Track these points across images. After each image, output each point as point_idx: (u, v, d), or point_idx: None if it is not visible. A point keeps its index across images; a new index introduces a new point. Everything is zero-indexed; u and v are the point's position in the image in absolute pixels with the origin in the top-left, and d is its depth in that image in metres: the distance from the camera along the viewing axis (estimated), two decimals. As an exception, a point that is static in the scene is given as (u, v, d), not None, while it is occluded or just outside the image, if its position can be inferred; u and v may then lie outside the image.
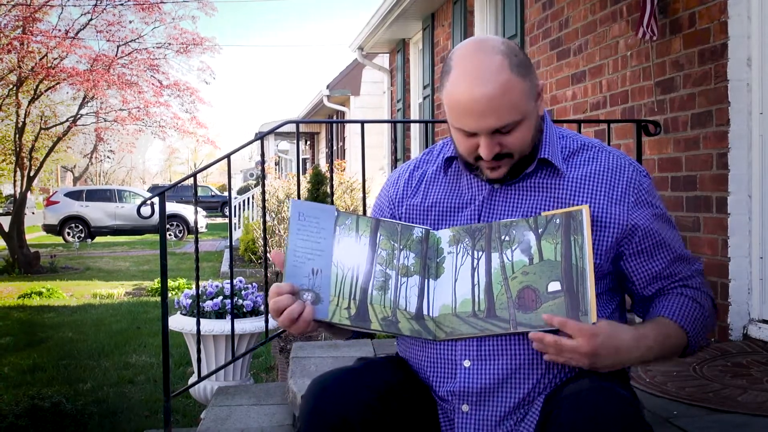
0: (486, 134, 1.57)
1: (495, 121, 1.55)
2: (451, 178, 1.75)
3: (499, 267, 1.58)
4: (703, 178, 3.80)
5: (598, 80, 4.92)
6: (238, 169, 45.93)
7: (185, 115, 14.69)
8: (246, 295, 4.27)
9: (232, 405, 3.46)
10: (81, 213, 21.30)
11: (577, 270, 1.54)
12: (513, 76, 1.55)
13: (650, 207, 1.65)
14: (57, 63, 13.09)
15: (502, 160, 1.62)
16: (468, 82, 1.54)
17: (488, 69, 1.54)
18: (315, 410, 1.49)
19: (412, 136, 10.66)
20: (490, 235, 1.61)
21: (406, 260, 1.62)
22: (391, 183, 1.85)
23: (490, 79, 1.53)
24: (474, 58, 1.56)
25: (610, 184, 1.65)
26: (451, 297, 1.59)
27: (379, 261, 1.61)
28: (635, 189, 1.65)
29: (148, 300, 9.63)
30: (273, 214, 10.69)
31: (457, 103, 1.57)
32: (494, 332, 1.56)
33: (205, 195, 34.25)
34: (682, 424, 2.33)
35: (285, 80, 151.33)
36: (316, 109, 18.89)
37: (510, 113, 1.56)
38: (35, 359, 6.27)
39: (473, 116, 1.55)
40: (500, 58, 1.55)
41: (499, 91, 1.53)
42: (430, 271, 1.62)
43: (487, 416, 1.59)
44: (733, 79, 3.60)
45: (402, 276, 1.61)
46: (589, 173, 1.66)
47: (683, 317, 1.63)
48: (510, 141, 1.59)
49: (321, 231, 1.61)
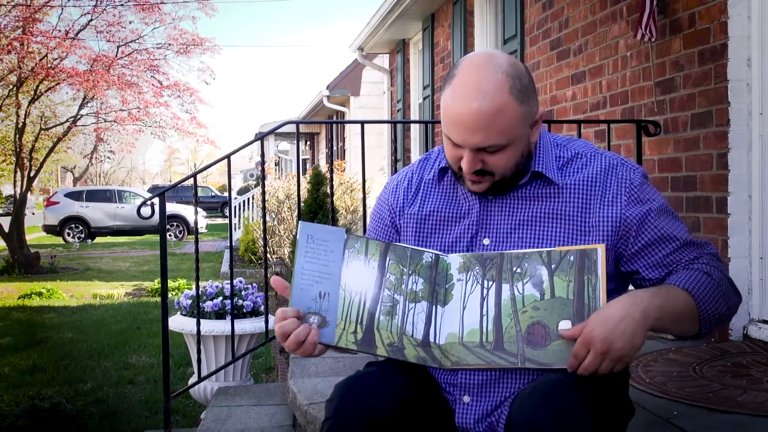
0: (470, 150, 1.58)
1: (481, 140, 1.55)
2: (446, 186, 1.76)
3: (510, 299, 1.55)
4: (703, 178, 3.80)
5: (598, 80, 4.92)
6: (238, 170, 45.95)
7: (185, 115, 14.71)
8: (246, 295, 4.27)
9: (232, 405, 3.46)
10: (81, 213, 21.31)
11: (589, 310, 1.50)
12: (511, 100, 1.54)
13: (644, 203, 1.64)
14: (57, 63, 13.09)
15: (484, 176, 1.62)
16: (466, 93, 1.54)
17: (488, 87, 1.53)
18: (343, 412, 1.51)
19: (412, 136, 10.66)
20: (501, 265, 1.57)
21: (414, 285, 1.59)
22: (390, 191, 1.84)
23: (487, 97, 1.53)
24: (479, 72, 1.55)
25: (602, 188, 1.65)
26: (459, 325, 1.57)
27: (387, 285, 1.58)
28: (627, 188, 1.64)
29: (148, 300, 9.63)
30: (273, 215, 10.69)
31: (449, 112, 1.57)
32: (501, 365, 1.54)
33: (205, 195, 34.25)
34: (683, 425, 2.33)
35: (285, 81, 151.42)
36: (316, 109, 18.89)
37: (498, 136, 1.55)
38: (35, 360, 6.27)
39: (461, 129, 1.56)
40: (503, 78, 1.54)
41: (492, 110, 1.53)
42: (439, 298, 1.59)
43: (488, 406, 1.61)
44: (733, 80, 3.60)
45: (410, 302, 1.58)
46: (581, 180, 1.66)
47: (688, 283, 1.58)
48: (493, 161, 1.59)
49: (329, 254, 1.58)
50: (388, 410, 1.51)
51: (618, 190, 1.64)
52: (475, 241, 1.69)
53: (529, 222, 1.65)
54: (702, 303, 1.57)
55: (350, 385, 1.55)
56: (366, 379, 1.57)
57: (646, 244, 1.63)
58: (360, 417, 1.49)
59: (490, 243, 1.67)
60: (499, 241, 1.67)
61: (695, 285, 1.57)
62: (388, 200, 1.83)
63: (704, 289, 1.58)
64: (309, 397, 2.90)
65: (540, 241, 1.64)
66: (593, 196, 1.64)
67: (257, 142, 3.94)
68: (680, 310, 1.55)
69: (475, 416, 1.62)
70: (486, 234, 1.68)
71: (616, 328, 1.44)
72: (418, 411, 1.58)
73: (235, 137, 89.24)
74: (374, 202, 1.91)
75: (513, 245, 1.65)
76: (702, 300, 1.57)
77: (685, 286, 1.57)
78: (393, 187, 1.84)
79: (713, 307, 1.58)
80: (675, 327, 1.58)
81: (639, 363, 3.11)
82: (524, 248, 1.63)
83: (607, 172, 1.66)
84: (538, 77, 5.84)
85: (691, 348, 3.41)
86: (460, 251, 1.68)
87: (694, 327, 1.59)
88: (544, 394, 1.42)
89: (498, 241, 1.67)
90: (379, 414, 1.50)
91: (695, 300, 1.56)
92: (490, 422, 1.60)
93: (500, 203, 1.68)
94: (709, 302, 1.58)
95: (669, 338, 3.62)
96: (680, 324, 1.57)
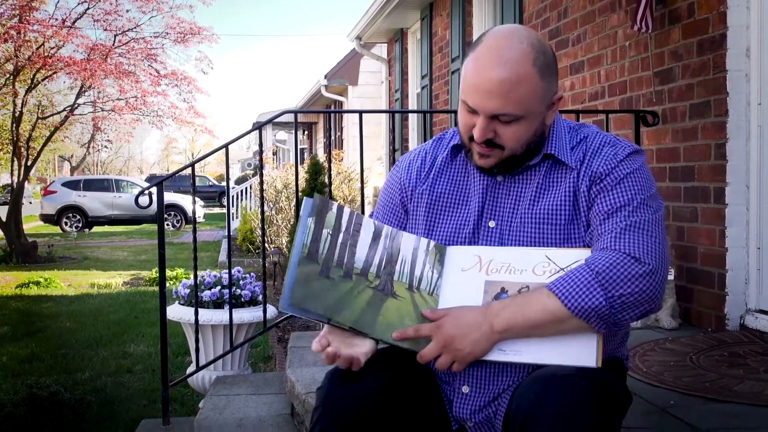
0: (485, 116, 1.57)
1: (497, 106, 1.55)
2: (458, 167, 1.76)
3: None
4: (701, 168, 3.80)
5: (596, 70, 4.91)
6: (236, 159, 45.89)
7: (183, 104, 14.67)
8: (244, 284, 4.27)
9: (231, 394, 3.47)
10: (78, 203, 21.29)
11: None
12: (533, 72, 1.55)
13: (621, 182, 1.60)
14: (54, 52, 13.05)
15: (493, 149, 1.61)
16: (489, 59, 1.56)
17: (512, 55, 1.55)
18: (333, 398, 1.52)
19: (410, 126, 10.65)
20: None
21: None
22: (403, 168, 1.83)
23: (509, 63, 1.54)
24: (504, 41, 1.57)
25: (589, 164, 1.64)
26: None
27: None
28: (610, 163, 1.62)
29: (146, 290, 9.63)
30: (271, 204, 10.68)
31: (470, 76, 1.58)
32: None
33: (203, 185, 34.19)
34: (679, 414, 2.34)
35: (283, 70, 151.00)
36: (314, 99, 18.85)
37: (515, 105, 1.55)
38: (33, 349, 6.28)
39: (479, 93, 1.56)
40: (528, 49, 1.55)
41: (514, 78, 1.54)
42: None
43: (486, 397, 1.61)
44: (732, 70, 3.60)
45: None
46: (585, 163, 1.66)
47: (556, 282, 1.52)
48: (505, 133, 1.59)
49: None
50: (377, 394, 1.52)
51: (600, 164, 1.63)
52: (480, 223, 1.69)
53: (536, 205, 1.65)
54: (568, 297, 1.49)
55: (341, 372, 1.56)
56: None
57: (603, 188, 1.60)
58: (350, 401, 1.50)
59: (495, 225, 1.67)
60: (505, 223, 1.66)
61: (562, 280, 1.52)
62: (400, 178, 1.82)
63: (571, 281, 1.50)
64: (307, 386, 2.91)
65: (545, 225, 1.63)
66: (588, 174, 1.64)
67: (255, 132, 3.94)
68: (532, 316, 1.51)
69: (473, 407, 1.61)
70: (492, 216, 1.68)
71: (462, 331, 1.52)
72: (408, 397, 1.58)
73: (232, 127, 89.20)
74: (384, 183, 1.90)
75: (518, 228, 1.65)
76: (567, 293, 1.50)
77: (550, 287, 1.52)
78: (406, 165, 1.83)
79: (585, 299, 1.48)
80: (543, 332, 1.51)
81: (636, 353, 3.13)
82: (529, 231, 1.64)
83: (601, 150, 1.65)
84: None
85: (688, 338, 3.42)
86: (467, 234, 1.69)
87: (576, 323, 1.50)
88: (545, 385, 1.42)
89: (504, 224, 1.67)
90: (368, 397, 1.50)
91: (558, 295, 1.50)
92: (488, 413, 1.60)
93: (508, 185, 1.68)
94: (578, 296, 1.49)
95: (665, 328, 3.64)
96: (544, 328, 1.51)
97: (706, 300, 3.75)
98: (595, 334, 1.51)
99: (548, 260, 1.58)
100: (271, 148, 23.16)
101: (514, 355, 1.54)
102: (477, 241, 1.68)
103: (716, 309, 3.66)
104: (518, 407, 1.43)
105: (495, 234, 1.67)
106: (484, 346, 1.52)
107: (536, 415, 1.37)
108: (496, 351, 1.55)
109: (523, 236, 1.64)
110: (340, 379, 1.55)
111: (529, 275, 1.58)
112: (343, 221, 1.63)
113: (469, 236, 1.69)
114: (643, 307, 1.50)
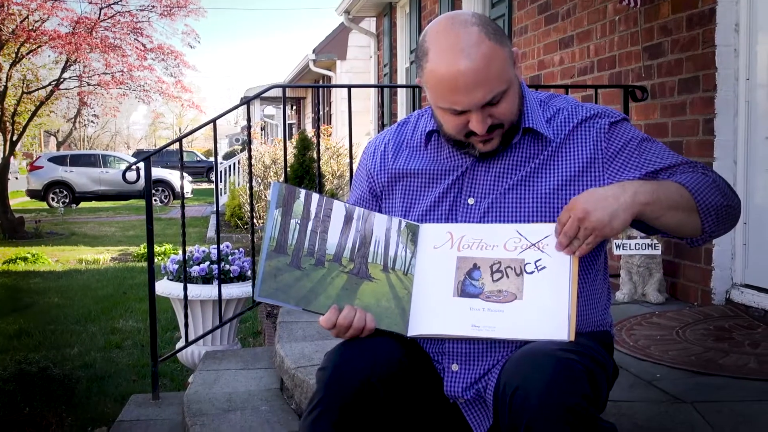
0: (476, 109, 1.56)
1: (484, 94, 1.54)
2: (432, 149, 1.74)
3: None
4: (689, 144, 3.81)
5: (585, 45, 4.90)
6: (224, 135, 45.66)
7: (170, 79, 14.55)
8: (233, 260, 4.27)
9: (220, 369, 3.48)
10: (65, 178, 21.14)
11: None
12: (493, 44, 1.53)
13: (624, 148, 1.64)
14: (38, 26, 12.88)
15: (494, 131, 1.61)
16: (450, 58, 1.52)
17: (468, 42, 1.52)
18: (336, 378, 1.51)
19: (399, 101, 10.60)
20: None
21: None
22: (368, 155, 1.84)
23: (472, 51, 1.51)
24: (450, 34, 1.54)
25: (582, 138, 1.65)
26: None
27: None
28: (605, 132, 1.65)
29: (134, 265, 9.61)
30: (259, 180, 10.64)
31: (441, 82, 1.54)
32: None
33: (191, 160, 33.98)
34: (664, 387, 2.37)
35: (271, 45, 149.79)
36: (302, 73, 18.73)
37: (497, 83, 1.54)
38: (21, 324, 6.27)
39: (461, 92, 1.53)
40: (477, 29, 1.53)
41: (483, 62, 1.52)
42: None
43: (476, 374, 1.62)
44: (721, 45, 3.59)
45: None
46: (565, 134, 1.66)
47: (680, 179, 1.61)
48: (499, 111, 1.58)
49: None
50: (381, 376, 1.51)
51: (597, 136, 1.65)
52: (459, 200, 1.68)
53: (516, 178, 1.65)
54: (697, 192, 1.59)
55: (342, 353, 1.56)
56: (357, 346, 1.57)
57: (628, 160, 1.64)
58: (353, 382, 1.49)
59: (474, 202, 1.67)
60: (484, 200, 1.66)
61: (688, 179, 1.61)
62: (367, 166, 1.83)
63: (698, 182, 1.60)
64: (296, 360, 2.92)
65: (526, 199, 1.64)
66: (576, 147, 1.65)
67: (243, 107, 3.91)
68: (673, 197, 1.57)
69: (464, 384, 1.62)
70: (471, 193, 1.68)
71: (598, 202, 1.51)
72: (410, 378, 1.59)
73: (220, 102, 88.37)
74: (355, 172, 1.90)
75: (499, 204, 1.65)
76: (696, 190, 1.59)
77: (677, 180, 1.60)
78: (371, 152, 1.83)
79: (710, 197, 1.59)
80: (671, 216, 1.57)
81: (623, 327, 3.15)
82: (510, 206, 1.64)
83: (588, 122, 1.66)
84: (525, 42, 5.80)
85: (675, 312, 3.45)
86: (444, 211, 1.69)
87: (694, 218, 1.59)
88: (534, 360, 1.43)
89: (482, 201, 1.66)
90: (371, 379, 1.50)
91: (689, 189, 1.59)
92: (478, 389, 1.61)
93: (487, 162, 1.67)
94: (704, 192, 1.59)
95: (652, 302, 3.67)
96: (676, 212, 1.57)
97: (692, 275, 3.78)
98: (566, 309, 1.52)
99: (519, 235, 1.59)
100: (259, 123, 23.04)
101: (488, 331, 1.54)
102: (455, 219, 1.67)
103: (703, 283, 3.69)
104: (508, 382, 1.43)
105: (474, 211, 1.66)
106: (623, 217, 1.51)
107: (526, 389, 1.38)
108: (470, 327, 1.55)
109: (503, 212, 1.64)
110: (342, 359, 1.54)
111: (500, 251, 1.59)
112: (312, 208, 1.62)
113: (446, 213, 1.68)
114: (733, 224, 1.67)
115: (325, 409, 1.48)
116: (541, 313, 1.53)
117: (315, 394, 1.52)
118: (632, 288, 3.76)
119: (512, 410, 1.39)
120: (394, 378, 1.54)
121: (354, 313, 1.56)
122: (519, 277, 1.56)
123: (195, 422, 2.81)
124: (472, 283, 1.59)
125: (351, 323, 1.55)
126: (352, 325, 1.55)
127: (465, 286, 1.59)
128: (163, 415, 3.35)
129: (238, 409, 2.95)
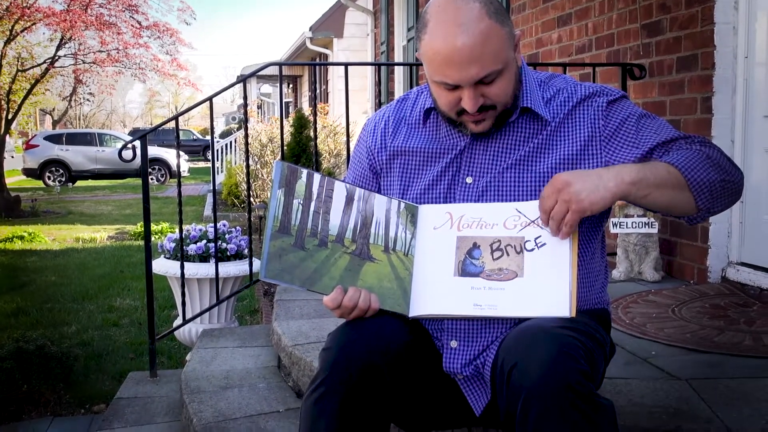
0: (469, 86, 1.55)
1: (478, 71, 1.53)
2: (430, 127, 1.74)
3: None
4: (687, 122, 3.80)
5: (584, 23, 4.87)
6: (220, 113, 45.50)
7: (166, 57, 14.47)
8: (230, 239, 4.28)
9: (217, 347, 3.49)
10: (61, 157, 21.07)
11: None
12: (493, 23, 1.52)
13: (622, 126, 1.64)
14: (32, 3, 12.77)
15: (486, 112, 1.60)
16: (448, 32, 1.51)
17: (467, 17, 1.51)
18: (343, 356, 1.50)
19: (396, 79, 10.55)
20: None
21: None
22: (368, 132, 1.83)
23: (471, 27, 1.50)
24: (451, 8, 1.53)
25: (581, 116, 1.65)
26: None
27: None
28: (603, 109, 1.65)
29: (131, 244, 9.61)
30: (256, 158, 10.62)
31: (437, 55, 1.54)
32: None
33: (187, 139, 33.92)
34: (659, 364, 2.38)
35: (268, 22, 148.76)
36: (299, 51, 18.62)
37: (493, 62, 1.53)
38: (19, 303, 6.28)
39: (455, 67, 1.53)
40: (478, 5, 1.52)
41: (480, 38, 1.51)
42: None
43: (474, 350, 1.63)
44: (720, 23, 3.57)
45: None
46: (565, 113, 1.66)
47: (669, 158, 1.58)
48: (492, 92, 1.57)
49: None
50: (385, 357, 1.51)
51: (595, 115, 1.65)
52: (457, 179, 1.68)
53: (514, 158, 1.65)
54: (687, 169, 1.55)
55: (348, 334, 1.55)
56: (362, 327, 1.56)
57: (625, 136, 1.64)
58: (358, 363, 1.49)
59: (472, 181, 1.67)
60: (482, 179, 1.66)
61: (678, 156, 1.58)
62: (367, 143, 1.82)
63: (689, 159, 1.56)
64: (293, 338, 2.93)
65: (524, 179, 1.63)
66: (574, 126, 1.65)
67: (239, 85, 3.89)
68: (660, 174, 1.54)
69: (463, 360, 1.63)
70: (469, 172, 1.67)
71: (580, 175, 1.50)
72: (413, 358, 1.59)
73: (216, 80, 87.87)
74: (354, 150, 1.89)
75: (497, 183, 1.65)
76: (686, 167, 1.55)
77: (667, 160, 1.58)
78: (371, 128, 1.83)
79: (702, 173, 1.55)
80: (660, 194, 1.54)
81: (619, 305, 3.17)
82: (508, 185, 1.64)
83: (586, 101, 1.66)
84: (523, 19, 5.77)
85: (671, 290, 3.46)
86: (441, 189, 1.69)
87: (686, 195, 1.56)
88: (532, 336, 1.43)
89: (480, 180, 1.66)
90: (377, 360, 1.50)
91: (678, 167, 1.55)
92: (476, 365, 1.62)
93: (485, 141, 1.67)
94: (696, 169, 1.55)
95: (648, 280, 3.68)
96: (664, 189, 1.54)
97: (688, 253, 3.79)
98: (567, 285, 1.52)
99: (519, 213, 1.59)
100: (255, 101, 22.97)
101: (490, 310, 1.54)
102: (453, 198, 1.67)
103: (699, 261, 3.70)
104: (506, 359, 1.44)
105: (472, 190, 1.66)
106: (604, 194, 1.49)
107: (525, 366, 1.38)
108: (472, 306, 1.55)
109: (501, 191, 1.64)
110: (348, 339, 1.53)
111: (500, 229, 1.59)
112: (314, 188, 1.61)
113: (444, 192, 1.68)
114: (734, 199, 1.63)
115: (330, 389, 1.48)
116: (542, 289, 1.53)
117: (318, 373, 1.52)
118: (629, 266, 3.77)
119: (510, 387, 1.40)
120: (398, 359, 1.54)
121: (359, 294, 1.56)
122: (519, 255, 1.56)
123: (193, 399, 2.82)
124: (472, 262, 1.59)
125: (356, 304, 1.55)
126: (357, 305, 1.55)
127: (465, 265, 1.59)
128: (161, 393, 3.36)
129: (236, 386, 2.96)
